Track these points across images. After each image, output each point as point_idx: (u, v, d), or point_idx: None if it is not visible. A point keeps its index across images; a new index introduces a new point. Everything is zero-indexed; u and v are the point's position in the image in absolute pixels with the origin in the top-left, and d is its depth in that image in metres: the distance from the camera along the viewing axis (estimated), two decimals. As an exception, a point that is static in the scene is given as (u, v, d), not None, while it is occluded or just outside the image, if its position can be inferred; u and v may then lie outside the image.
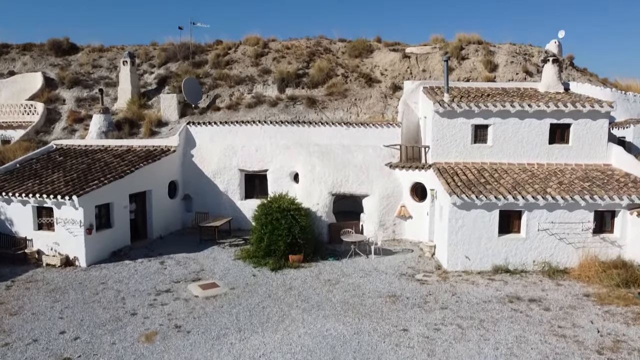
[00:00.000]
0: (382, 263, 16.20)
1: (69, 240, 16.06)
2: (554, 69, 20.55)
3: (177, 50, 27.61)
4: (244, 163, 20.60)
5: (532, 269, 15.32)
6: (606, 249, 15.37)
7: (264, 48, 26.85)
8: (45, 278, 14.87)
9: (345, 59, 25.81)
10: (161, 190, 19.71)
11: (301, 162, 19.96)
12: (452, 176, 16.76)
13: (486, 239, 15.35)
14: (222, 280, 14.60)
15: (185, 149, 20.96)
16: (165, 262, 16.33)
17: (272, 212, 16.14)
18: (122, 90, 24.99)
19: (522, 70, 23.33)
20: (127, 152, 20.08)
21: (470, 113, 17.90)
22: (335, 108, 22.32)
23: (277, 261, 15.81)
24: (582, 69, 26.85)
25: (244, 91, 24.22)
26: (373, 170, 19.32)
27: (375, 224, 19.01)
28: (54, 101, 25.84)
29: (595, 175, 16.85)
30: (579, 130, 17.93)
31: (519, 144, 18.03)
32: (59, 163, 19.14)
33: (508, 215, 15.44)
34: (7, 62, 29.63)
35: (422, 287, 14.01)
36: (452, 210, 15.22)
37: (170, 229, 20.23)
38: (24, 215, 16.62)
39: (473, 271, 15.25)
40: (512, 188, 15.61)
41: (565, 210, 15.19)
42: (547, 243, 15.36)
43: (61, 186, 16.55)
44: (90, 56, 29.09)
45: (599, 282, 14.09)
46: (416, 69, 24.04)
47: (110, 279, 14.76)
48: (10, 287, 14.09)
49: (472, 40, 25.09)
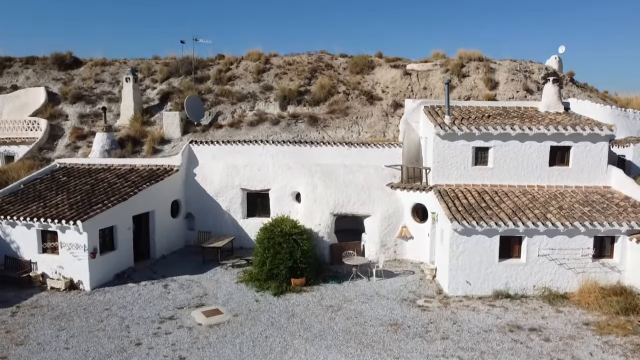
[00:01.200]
0: (383, 287, 16.33)
1: (73, 263, 16.21)
2: (554, 89, 20.67)
3: (179, 65, 27.76)
4: (246, 182, 20.75)
5: (533, 294, 15.44)
6: (606, 274, 15.49)
7: (265, 64, 26.99)
8: (50, 303, 15.02)
9: (347, 75, 25.95)
10: (164, 209, 19.86)
11: (303, 182, 20.10)
12: (452, 200, 16.89)
13: (487, 264, 15.48)
14: (225, 306, 14.74)
15: (188, 168, 21.11)
16: (168, 286, 16.47)
17: (274, 236, 16.28)
18: (125, 106, 25.15)
19: (523, 88, 23.46)
20: (130, 172, 20.23)
21: (471, 135, 18.04)
22: (337, 126, 22.46)
23: (280, 285, 15.95)
24: (582, 84, 27.00)
25: (245, 108, 24.37)
26: (374, 190, 19.46)
27: (376, 244, 19.15)
28: (57, 117, 25.99)
29: (595, 199, 16.98)
30: (579, 153, 18.06)
31: (519, 166, 18.16)
32: (63, 184, 19.29)
33: (508, 240, 15.57)
34: (10, 76, 29.80)
35: (423, 314, 14.14)
36: (453, 236, 15.35)
37: (173, 248, 20.38)
38: (29, 238, 16.77)
39: (474, 296, 15.38)
40: (513, 213, 15.74)
41: (565, 236, 15.31)
42: (547, 268, 15.49)
43: (65, 210, 16.70)
44: (92, 70, 29.25)
45: (598, 308, 14.22)
46: (417, 86, 24.18)
47: (114, 304, 14.90)
48: (15, 314, 14.24)
49: (472, 57, 25.23)
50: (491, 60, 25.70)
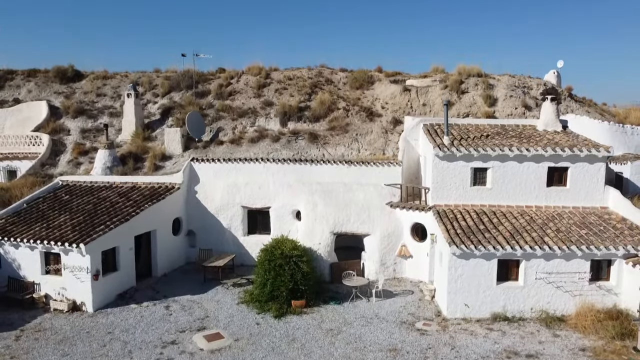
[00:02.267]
0: (383, 308, 16.52)
1: (76, 285, 16.40)
2: (552, 108, 20.84)
3: (181, 79, 27.97)
4: (247, 200, 20.94)
5: (530, 317, 15.63)
6: (602, 297, 15.67)
7: (266, 78, 27.20)
8: (53, 326, 15.20)
9: (347, 91, 26.16)
10: (165, 228, 20.05)
11: (303, 200, 20.29)
12: (451, 221, 17.08)
13: (485, 287, 15.67)
14: (226, 330, 14.92)
15: (189, 185, 21.30)
16: (170, 307, 16.65)
17: (275, 258, 16.47)
18: (127, 122, 25.35)
19: (521, 104, 23.66)
20: (132, 190, 20.41)
21: (469, 157, 18.22)
22: (336, 143, 22.66)
23: (280, 307, 16.13)
24: (580, 98, 27.20)
25: (246, 124, 24.56)
26: (374, 209, 19.64)
27: (376, 263, 19.34)
28: (58, 132, 26.19)
29: (592, 221, 17.16)
30: (577, 174, 18.24)
31: (517, 186, 18.34)
32: (65, 203, 19.48)
33: (506, 263, 15.76)
34: (12, 89, 30.01)
35: (422, 338, 14.32)
36: (452, 260, 15.54)
37: (174, 266, 20.57)
38: (32, 259, 16.96)
39: (472, 319, 15.57)
40: (511, 236, 15.93)
41: (562, 260, 15.50)
42: (544, 291, 15.68)
43: (68, 231, 16.88)
44: (94, 84, 29.46)
45: (595, 333, 14.40)
46: (416, 102, 24.37)
47: (116, 328, 15.09)
48: (19, 338, 14.42)
49: (471, 73, 25.43)
50: (490, 76, 25.90)
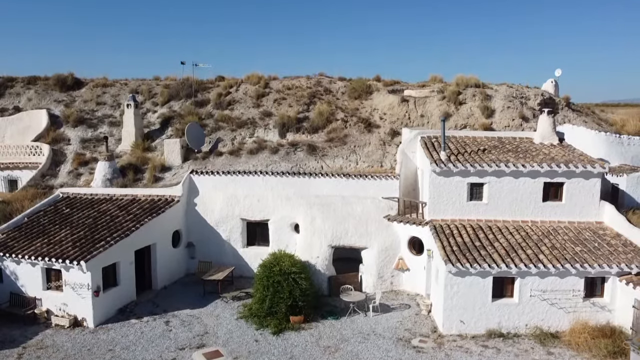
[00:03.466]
0: (380, 323, 16.74)
1: (77, 301, 16.61)
2: (549, 121, 21.02)
3: (180, 88, 28.12)
4: (246, 212, 21.13)
5: (525, 333, 15.85)
6: (596, 313, 15.90)
7: (265, 88, 27.35)
8: (55, 343, 15.42)
9: (345, 100, 26.31)
10: (165, 241, 20.25)
11: (302, 213, 20.48)
12: (447, 238, 17.28)
13: (480, 304, 15.89)
14: (225, 347, 15.15)
15: (189, 198, 21.49)
16: (170, 322, 16.87)
17: (273, 275, 16.67)
18: (126, 132, 25.51)
19: (519, 116, 23.83)
20: (132, 203, 20.60)
21: (466, 172, 18.40)
22: (335, 155, 22.83)
23: (279, 323, 16.34)
24: (578, 107, 27.35)
25: (245, 135, 24.73)
26: (372, 223, 19.84)
27: (374, 276, 19.56)
28: (59, 141, 26.36)
29: (587, 237, 17.37)
30: (572, 189, 18.43)
31: (513, 201, 18.53)
32: (66, 217, 19.66)
33: (501, 280, 15.98)
34: (12, 96, 30.15)
35: (417, 356, 14.55)
36: (448, 277, 15.76)
37: (174, 278, 20.79)
38: (34, 275, 17.16)
39: (467, 335, 15.79)
40: (506, 254, 16.14)
41: (556, 277, 15.72)
42: (539, 308, 15.90)
43: (69, 247, 17.08)
44: (94, 92, 29.60)
45: (588, 350, 14.62)
46: (414, 113, 24.54)
47: (117, 345, 15.31)
48: (22, 356, 14.65)
49: (469, 83, 25.57)
50: (488, 86, 26.04)
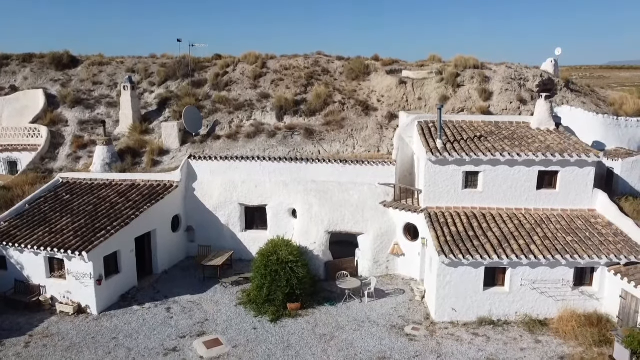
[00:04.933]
0: (374, 310, 17.25)
1: (80, 289, 17.08)
2: (546, 106, 21.00)
3: (177, 67, 27.89)
4: (244, 198, 21.39)
5: (515, 320, 16.37)
6: (584, 301, 16.37)
7: (262, 68, 27.12)
8: (60, 331, 15.96)
9: (343, 81, 26.14)
10: (165, 226, 20.59)
11: (299, 200, 20.74)
12: (442, 227, 17.58)
13: (472, 293, 16.34)
14: (224, 335, 15.68)
15: (187, 183, 21.70)
16: (171, 309, 17.39)
17: (271, 264, 17.07)
18: (124, 115, 25.48)
19: (517, 98, 23.74)
20: (131, 189, 20.82)
21: (461, 161, 18.54)
22: (332, 140, 22.90)
23: (277, 311, 16.85)
24: (577, 87, 27.17)
25: (243, 118, 24.71)
26: (368, 210, 20.12)
27: (369, 261, 19.99)
28: (56, 123, 26.35)
29: (579, 226, 17.67)
30: (566, 177, 18.62)
31: (508, 190, 18.76)
32: (66, 203, 19.93)
33: (493, 270, 16.38)
34: (8, 75, 29.93)
35: (410, 344, 15.09)
36: (441, 268, 16.14)
37: (174, 262, 21.25)
38: (37, 264, 17.57)
39: (459, 322, 16.32)
40: (498, 244, 16.47)
41: (547, 268, 16.10)
42: (529, 296, 16.36)
43: (70, 237, 17.42)
44: (90, 70, 29.37)
45: (575, 339, 15.13)
46: (412, 95, 24.44)
47: (120, 333, 15.86)
48: (28, 344, 15.20)
49: (468, 64, 25.35)
50: (487, 66, 25.81)
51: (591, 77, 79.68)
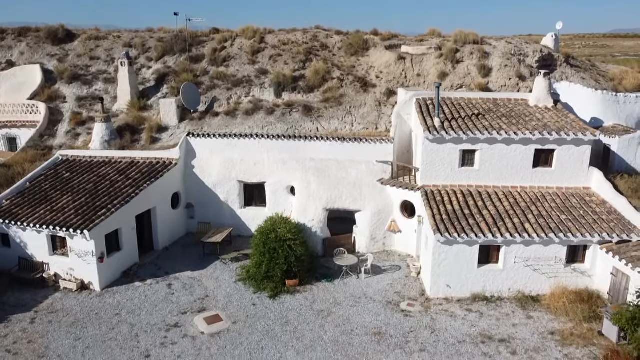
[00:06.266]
0: (371, 286, 17.66)
1: (83, 266, 17.43)
2: (545, 83, 20.94)
3: (174, 42, 27.63)
4: (242, 175, 21.57)
5: (508, 296, 16.79)
6: (576, 278, 16.75)
7: (260, 43, 26.88)
8: (64, 307, 16.39)
9: (342, 57, 25.96)
10: (165, 204, 20.83)
11: (297, 177, 20.91)
12: (438, 205, 17.81)
13: (467, 270, 16.69)
14: (224, 311, 16.11)
15: (186, 160, 21.83)
16: (172, 285, 17.79)
17: (270, 242, 17.37)
18: (122, 91, 25.40)
19: (516, 75, 23.64)
20: (131, 167, 20.97)
21: (458, 140, 18.63)
22: (330, 117, 22.91)
23: (275, 287, 17.25)
24: (577, 63, 27.00)
25: (241, 94, 24.65)
26: (366, 187, 20.32)
27: (367, 237, 20.31)
28: (54, 99, 26.29)
29: (573, 204, 17.90)
30: (563, 156, 18.75)
31: (504, 168, 18.91)
32: (67, 181, 20.11)
33: (488, 248, 16.69)
34: (4, 50, 29.66)
35: (405, 320, 15.52)
36: (436, 246, 16.45)
37: (174, 238, 21.59)
38: (40, 241, 17.87)
39: (453, 298, 16.73)
40: (493, 223, 16.73)
41: (540, 245, 16.42)
42: (522, 273, 16.73)
43: (72, 215, 17.67)
44: (86, 45, 29.09)
45: (565, 314, 15.56)
46: (411, 72, 24.32)
47: (123, 309, 16.28)
48: (34, 320, 15.63)
49: (468, 40, 25.12)
50: (487, 42, 25.59)
51: (594, 46, 78.62)
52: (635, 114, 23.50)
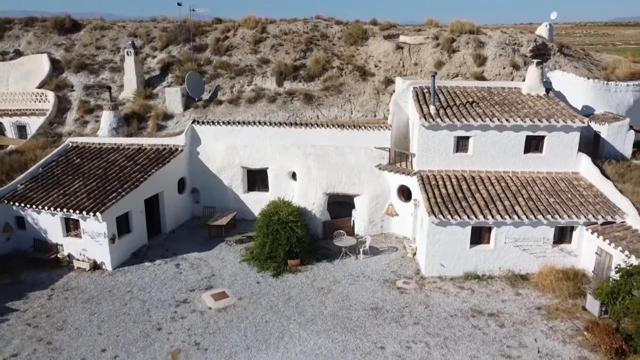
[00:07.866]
0: (369, 266, 18.59)
1: (95, 247, 18.36)
2: (537, 72, 21.71)
3: (178, 32, 28.32)
4: (246, 161, 22.42)
5: (498, 275, 17.73)
6: (563, 258, 17.67)
7: (262, 32, 27.56)
8: (79, 285, 17.35)
9: (341, 46, 26.67)
10: (171, 188, 21.72)
11: (299, 163, 21.77)
12: (433, 189, 18.68)
13: (459, 250, 17.61)
14: (230, 289, 17.07)
15: (192, 147, 22.67)
16: (180, 265, 18.73)
17: (272, 224, 18.27)
18: (128, 80, 26.15)
19: (510, 64, 24.35)
20: (138, 153, 21.81)
21: (453, 127, 19.45)
22: (330, 105, 23.69)
23: (278, 266, 18.19)
24: (571, 52, 27.69)
25: (244, 83, 25.41)
26: (364, 172, 21.18)
27: (365, 221, 21.21)
28: (62, 87, 27.03)
29: (562, 188, 18.77)
30: (552, 142, 19.58)
31: (497, 153, 19.75)
32: (77, 167, 20.96)
33: (479, 229, 17.60)
34: (12, 39, 30.34)
35: (400, 297, 16.48)
36: (431, 227, 17.35)
37: (181, 221, 22.50)
38: (54, 224, 18.79)
39: (447, 277, 17.67)
40: (485, 205, 17.62)
41: (529, 227, 17.31)
42: (512, 253, 17.65)
43: (84, 199, 18.56)
44: (92, 35, 29.77)
45: (552, 291, 16.51)
46: (409, 61, 25.04)
47: (134, 287, 17.23)
48: (51, 297, 16.60)
49: (464, 29, 25.81)
50: (482, 31, 26.28)
51: (595, 35, 78.95)
52: (625, 101, 24.25)
